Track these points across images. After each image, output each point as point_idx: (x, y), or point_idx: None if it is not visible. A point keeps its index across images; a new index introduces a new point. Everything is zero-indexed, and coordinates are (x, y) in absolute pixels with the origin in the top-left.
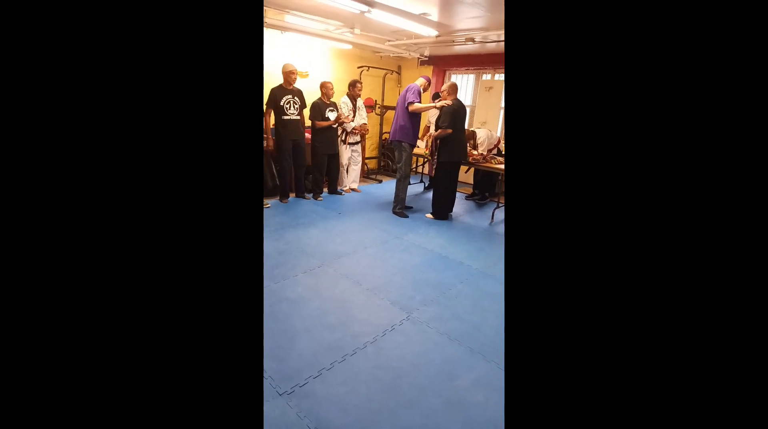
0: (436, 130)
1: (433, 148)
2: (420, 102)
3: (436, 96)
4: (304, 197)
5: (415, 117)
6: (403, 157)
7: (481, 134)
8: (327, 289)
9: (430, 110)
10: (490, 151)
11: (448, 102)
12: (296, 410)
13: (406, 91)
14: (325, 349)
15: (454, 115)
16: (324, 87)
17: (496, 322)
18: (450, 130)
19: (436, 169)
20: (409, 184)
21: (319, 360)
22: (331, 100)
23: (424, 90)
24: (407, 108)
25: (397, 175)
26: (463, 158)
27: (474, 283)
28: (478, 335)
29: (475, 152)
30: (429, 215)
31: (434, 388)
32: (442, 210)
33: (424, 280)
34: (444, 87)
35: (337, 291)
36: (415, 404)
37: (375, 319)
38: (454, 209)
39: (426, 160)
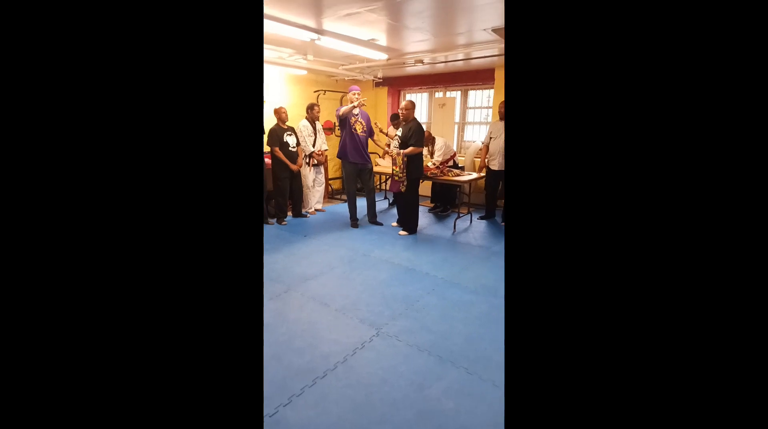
0: (404, 147)
1: (403, 167)
2: (340, 118)
3: (395, 117)
4: (267, 223)
5: (349, 136)
6: (343, 175)
7: (440, 142)
8: (294, 312)
9: (390, 131)
10: (445, 163)
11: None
12: None
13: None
14: (294, 374)
15: (422, 132)
16: (278, 113)
17: (463, 329)
18: (421, 149)
19: (407, 186)
20: (375, 200)
21: (288, 386)
22: (287, 124)
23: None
24: (339, 118)
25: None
26: (421, 174)
27: (440, 293)
28: (447, 343)
29: (430, 164)
30: (403, 232)
31: (406, 401)
32: (414, 225)
33: (392, 295)
34: (405, 105)
35: (304, 314)
36: (388, 419)
37: (344, 339)
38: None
39: (389, 177)
